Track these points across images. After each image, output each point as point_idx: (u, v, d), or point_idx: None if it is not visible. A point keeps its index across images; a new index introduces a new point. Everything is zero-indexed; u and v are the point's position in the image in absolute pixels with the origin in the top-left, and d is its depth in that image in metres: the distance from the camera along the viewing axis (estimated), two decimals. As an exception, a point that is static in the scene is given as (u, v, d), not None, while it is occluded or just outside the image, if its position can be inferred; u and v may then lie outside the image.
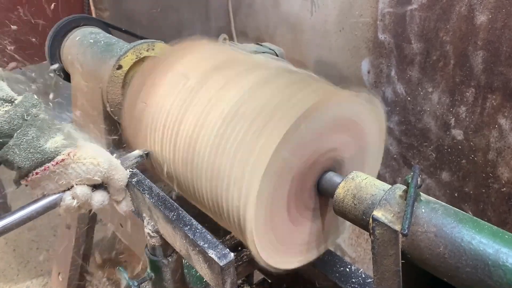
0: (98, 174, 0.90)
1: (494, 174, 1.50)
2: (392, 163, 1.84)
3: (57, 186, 0.88)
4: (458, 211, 0.73)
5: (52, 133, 0.88)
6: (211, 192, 0.92)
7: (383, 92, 1.76)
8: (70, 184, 0.89)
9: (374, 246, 0.76)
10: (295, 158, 0.87)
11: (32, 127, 0.85)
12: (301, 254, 0.99)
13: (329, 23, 1.87)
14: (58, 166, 0.86)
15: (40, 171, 0.85)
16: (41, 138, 0.86)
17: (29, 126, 0.85)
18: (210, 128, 0.92)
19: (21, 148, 0.83)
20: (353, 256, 2.19)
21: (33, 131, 0.85)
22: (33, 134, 0.85)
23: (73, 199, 0.89)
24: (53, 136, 0.88)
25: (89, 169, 0.89)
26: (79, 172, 0.88)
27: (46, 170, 0.85)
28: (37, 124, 0.86)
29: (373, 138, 1.03)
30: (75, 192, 0.89)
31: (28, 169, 0.85)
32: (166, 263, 1.11)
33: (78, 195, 0.89)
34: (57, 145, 0.87)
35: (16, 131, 0.83)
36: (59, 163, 0.86)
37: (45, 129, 0.88)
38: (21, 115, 0.84)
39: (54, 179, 0.87)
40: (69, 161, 0.87)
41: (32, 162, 0.84)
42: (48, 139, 0.87)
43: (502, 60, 1.37)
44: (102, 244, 2.69)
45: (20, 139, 0.84)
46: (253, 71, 0.99)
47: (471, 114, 1.50)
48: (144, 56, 1.42)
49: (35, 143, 0.85)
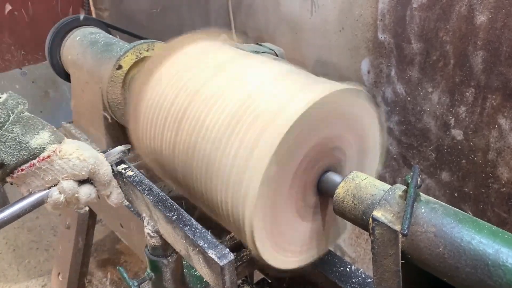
0: (85, 170, 0.91)
1: (494, 174, 1.50)
2: (392, 163, 1.84)
3: (43, 182, 0.89)
4: (457, 211, 0.73)
5: (37, 130, 0.89)
6: (211, 192, 0.92)
7: (383, 92, 1.76)
8: (56, 180, 0.89)
9: (374, 246, 0.76)
10: (296, 157, 0.87)
11: (17, 124, 0.86)
12: (301, 254, 0.99)
13: (329, 23, 1.87)
14: (44, 163, 0.87)
15: (26, 168, 0.86)
16: (27, 135, 0.87)
17: (15, 124, 0.86)
18: (210, 127, 0.92)
19: (6, 145, 0.84)
20: (353, 256, 2.19)
21: (19, 128, 0.86)
22: (18, 131, 0.86)
23: (60, 194, 0.90)
24: (39, 133, 0.89)
25: (75, 164, 0.90)
26: (65, 168, 0.89)
27: (31, 166, 0.86)
28: (23, 121, 0.87)
29: (372, 136, 1.03)
30: (61, 187, 0.90)
31: (13, 165, 0.85)
32: (166, 263, 1.11)
33: (65, 189, 0.90)
34: (42, 141, 0.88)
35: (1, 128, 0.84)
36: (45, 159, 0.87)
37: (30, 126, 0.89)
38: (6, 113, 0.85)
39: (40, 176, 0.88)
40: (54, 157, 0.88)
41: (17, 159, 0.85)
42: (34, 136, 0.88)
43: (502, 60, 1.37)
44: (102, 244, 2.70)
45: (6, 136, 0.85)
46: (254, 71, 0.99)
47: (471, 114, 1.50)
48: (144, 56, 1.43)
49: (21, 140, 0.86)
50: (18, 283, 2.47)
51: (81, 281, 2.17)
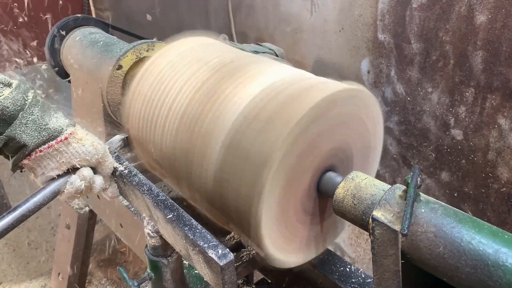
0: (95, 157, 0.94)
1: (494, 174, 1.50)
2: (392, 163, 1.84)
3: (58, 165, 0.91)
4: (457, 211, 0.73)
5: (53, 113, 0.91)
6: (216, 192, 0.93)
7: (382, 92, 1.76)
8: (70, 164, 0.91)
9: (374, 246, 0.76)
10: (297, 158, 0.87)
11: (35, 107, 0.88)
12: (301, 254, 1.00)
13: (329, 23, 1.87)
14: (61, 144, 0.89)
15: (44, 149, 0.88)
16: (45, 117, 0.89)
17: (33, 106, 0.88)
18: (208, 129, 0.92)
19: (27, 127, 0.86)
20: (353, 256, 2.19)
21: (37, 110, 0.88)
22: (38, 113, 0.88)
23: (81, 181, 0.92)
24: (55, 116, 0.91)
25: (88, 150, 0.92)
26: (79, 152, 0.91)
27: (50, 147, 0.88)
28: (39, 104, 0.89)
29: (373, 135, 1.03)
30: (83, 174, 0.92)
31: (33, 147, 0.87)
32: (166, 263, 1.11)
33: (85, 176, 0.92)
34: (61, 123, 0.90)
35: (19, 111, 0.86)
36: (63, 141, 0.89)
37: (47, 109, 0.91)
38: (21, 97, 0.87)
39: (56, 158, 0.90)
40: (72, 139, 0.90)
41: (38, 140, 0.87)
42: (51, 118, 0.90)
43: (502, 60, 1.37)
44: (102, 244, 2.70)
45: (26, 118, 0.87)
46: (258, 70, 0.99)
47: (470, 114, 1.50)
48: (144, 56, 1.43)
49: (41, 121, 0.88)
50: (18, 283, 2.47)
51: (81, 281, 2.17)
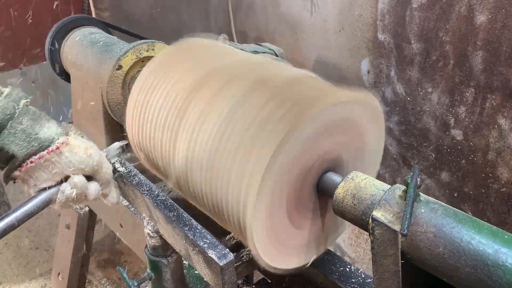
0: (90, 165, 0.90)
1: (494, 174, 1.50)
2: (392, 163, 1.84)
3: (50, 176, 0.87)
4: (457, 211, 0.73)
5: (44, 122, 0.88)
6: (211, 193, 0.92)
7: (382, 92, 1.76)
8: (63, 174, 0.88)
9: (374, 246, 0.76)
10: (294, 160, 0.87)
11: (25, 116, 0.85)
12: (300, 253, 1.00)
13: (329, 23, 1.87)
14: (53, 154, 0.86)
15: (35, 160, 0.85)
16: (36, 127, 0.86)
17: (23, 115, 0.85)
18: (208, 130, 0.92)
19: (16, 137, 0.83)
20: (353, 256, 2.19)
21: (27, 120, 0.85)
22: (27, 122, 0.85)
23: (72, 189, 0.88)
24: (46, 125, 0.88)
25: (82, 159, 0.88)
26: (73, 162, 0.87)
27: (40, 158, 0.85)
28: (30, 113, 0.86)
29: (372, 137, 1.03)
30: (74, 182, 0.88)
31: (23, 158, 0.84)
32: (166, 263, 1.11)
33: (77, 184, 0.88)
34: (51, 133, 0.87)
35: (8, 121, 0.83)
36: (54, 151, 0.86)
37: (38, 118, 0.88)
38: (12, 106, 0.84)
39: (48, 168, 0.86)
40: (64, 149, 0.87)
41: (28, 150, 0.84)
42: (42, 127, 0.87)
43: (502, 60, 1.37)
44: (102, 244, 2.70)
45: (15, 128, 0.83)
46: (251, 74, 0.99)
47: (470, 114, 1.50)
48: (144, 56, 1.43)
49: (30, 131, 0.85)
50: (18, 283, 2.47)
51: (81, 281, 2.17)
